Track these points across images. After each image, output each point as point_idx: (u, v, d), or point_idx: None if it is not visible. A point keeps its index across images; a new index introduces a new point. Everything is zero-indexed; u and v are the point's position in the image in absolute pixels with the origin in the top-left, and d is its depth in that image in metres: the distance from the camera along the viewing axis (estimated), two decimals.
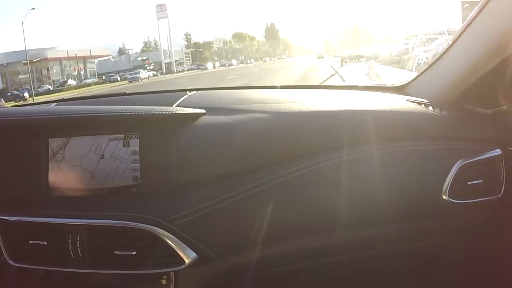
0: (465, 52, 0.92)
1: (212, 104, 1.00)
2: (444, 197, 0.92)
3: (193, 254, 0.86)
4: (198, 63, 41.23)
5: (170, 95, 1.17)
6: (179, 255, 0.85)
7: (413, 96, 1.09)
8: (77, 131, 0.90)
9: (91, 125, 0.90)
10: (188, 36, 49.36)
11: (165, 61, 40.06)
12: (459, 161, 0.92)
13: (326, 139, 0.93)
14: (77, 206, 0.87)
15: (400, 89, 1.19)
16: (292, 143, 0.92)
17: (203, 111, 0.94)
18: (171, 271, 0.89)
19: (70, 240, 0.86)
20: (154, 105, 0.95)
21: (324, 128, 0.94)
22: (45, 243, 0.88)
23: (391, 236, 0.98)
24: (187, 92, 1.13)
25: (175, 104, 1.01)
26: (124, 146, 0.89)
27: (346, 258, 1.01)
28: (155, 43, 43.56)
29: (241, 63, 42.51)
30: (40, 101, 1.90)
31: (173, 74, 32.71)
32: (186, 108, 0.94)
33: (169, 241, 0.84)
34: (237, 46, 48.06)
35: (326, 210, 0.92)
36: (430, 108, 1.00)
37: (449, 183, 0.91)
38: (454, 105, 1.00)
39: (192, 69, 38.33)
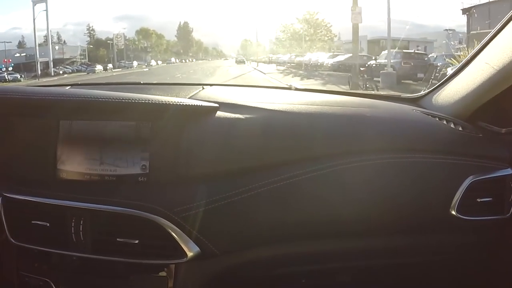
0: (483, 70, 0.99)
1: (226, 100, 1.02)
2: (452, 212, 0.96)
3: (196, 248, 0.88)
4: (90, 63, 33.90)
5: (184, 87, 1.19)
6: (181, 247, 0.88)
7: (427, 109, 1.15)
8: (89, 115, 0.93)
9: (103, 110, 0.93)
10: (92, 32, 41.10)
11: (51, 59, 31.68)
12: (470, 177, 0.97)
13: (337, 144, 0.97)
14: (83, 190, 0.91)
15: (414, 101, 1.25)
16: (303, 145, 0.96)
17: (216, 105, 0.98)
18: (172, 264, 0.91)
19: (73, 223, 0.89)
20: (168, 96, 0.99)
21: (335, 133, 0.99)
22: (48, 225, 0.90)
23: (396, 248, 1.03)
24: (202, 86, 1.17)
25: (189, 96, 1.04)
26: (135, 134, 0.92)
27: (349, 265, 1.06)
28: (58, 36, 37.53)
29: (146, 65, 36.09)
30: (54, 84, 1.67)
31: (40, 80, 24.92)
32: (200, 101, 0.98)
33: (172, 233, 0.87)
34: (143, 45, 41.32)
35: (330, 216, 0.95)
36: (445, 122, 1.06)
37: (458, 198, 0.96)
38: (468, 121, 1.07)
39: (78, 70, 31.02)
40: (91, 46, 40.18)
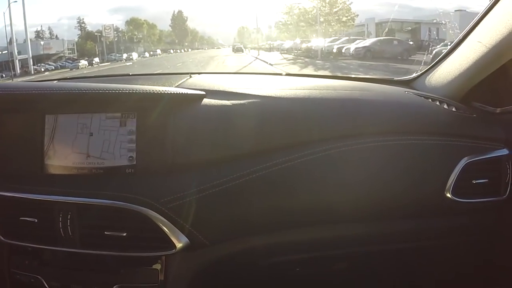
0: (476, 49, 0.98)
1: (214, 87, 1.03)
2: (447, 194, 0.96)
3: (185, 239, 0.88)
4: (75, 58, 31.60)
5: (172, 77, 1.19)
6: (170, 239, 0.88)
7: (420, 91, 1.15)
8: (74, 108, 0.94)
9: (88, 103, 0.93)
10: (83, 24, 38.65)
11: (30, 56, 29.17)
12: (464, 159, 0.97)
13: (328, 128, 0.96)
14: (70, 184, 0.91)
15: (407, 83, 1.24)
16: (293, 130, 0.95)
17: (203, 93, 0.98)
18: (162, 255, 0.92)
19: (60, 218, 0.89)
20: (154, 85, 1.00)
21: (327, 117, 0.98)
22: (36, 220, 0.91)
23: (392, 233, 1.03)
24: (190, 74, 1.17)
25: (175, 85, 1.05)
26: (120, 125, 0.92)
27: (345, 252, 1.05)
28: (50, 31, 34.90)
29: (126, 59, 33.73)
30: (42, 79, 1.94)
31: (14, 80, 22.33)
32: (185, 89, 0.97)
33: (160, 224, 0.87)
34: (136, 36, 38.89)
35: (323, 202, 0.95)
36: (438, 103, 1.06)
37: (453, 180, 0.96)
38: (462, 102, 1.07)
39: (62, 66, 28.68)
40: (77, 40, 37.91)
